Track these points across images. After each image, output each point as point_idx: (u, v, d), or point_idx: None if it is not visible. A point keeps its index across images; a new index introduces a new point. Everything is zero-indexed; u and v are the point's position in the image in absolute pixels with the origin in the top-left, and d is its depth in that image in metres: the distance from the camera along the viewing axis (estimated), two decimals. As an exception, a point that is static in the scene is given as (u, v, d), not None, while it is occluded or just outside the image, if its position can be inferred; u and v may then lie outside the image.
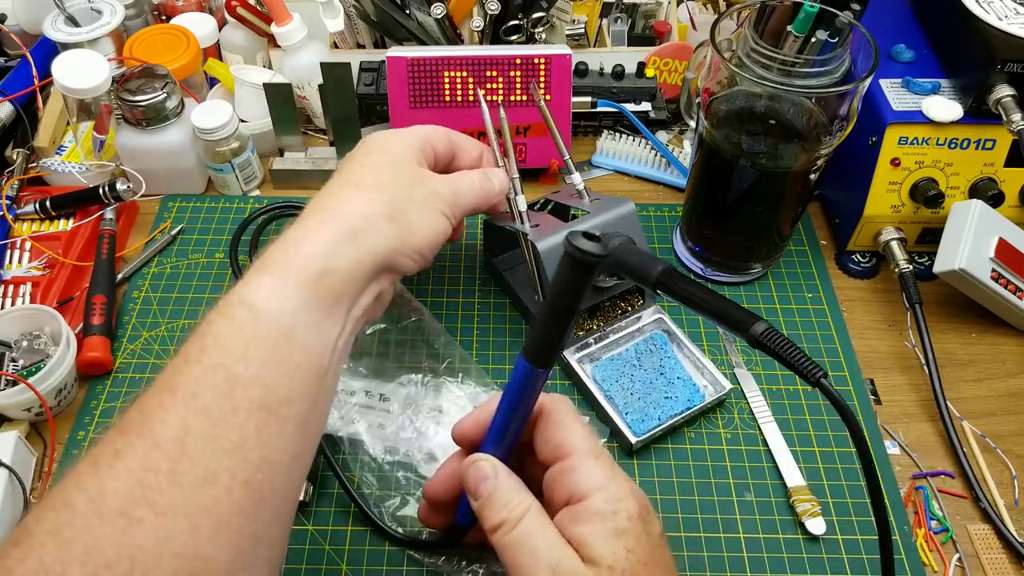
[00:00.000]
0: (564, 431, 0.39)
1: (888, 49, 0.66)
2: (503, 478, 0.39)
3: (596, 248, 0.33)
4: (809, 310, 0.65)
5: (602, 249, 0.32)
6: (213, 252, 0.68)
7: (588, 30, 0.79)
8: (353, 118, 0.71)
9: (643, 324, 0.61)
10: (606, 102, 0.75)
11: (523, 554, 0.36)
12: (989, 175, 0.62)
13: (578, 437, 0.39)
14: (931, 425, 0.58)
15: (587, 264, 0.33)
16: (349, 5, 0.76)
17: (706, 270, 0.67)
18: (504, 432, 0.40)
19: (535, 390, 0.38)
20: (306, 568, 0.50)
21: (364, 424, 0.55)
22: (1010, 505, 0.54)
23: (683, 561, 0.51)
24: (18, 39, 0.76)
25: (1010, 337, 0.64)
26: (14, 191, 0.69)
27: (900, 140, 0.61)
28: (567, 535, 0.36)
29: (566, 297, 0.34)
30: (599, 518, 0.36)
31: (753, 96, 0.58)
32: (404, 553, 0.51)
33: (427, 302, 0.64)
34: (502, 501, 0.38)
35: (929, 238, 0.65)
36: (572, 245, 0.33)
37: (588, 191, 0.59)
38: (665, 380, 0.58)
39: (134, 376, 0.60)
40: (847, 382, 0.60)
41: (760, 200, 0.61)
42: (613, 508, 0.36)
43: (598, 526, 0.36)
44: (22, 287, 0.63)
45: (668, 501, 0.53)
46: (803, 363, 0.40)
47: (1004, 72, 0.58)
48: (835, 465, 0.55)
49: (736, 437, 0.57)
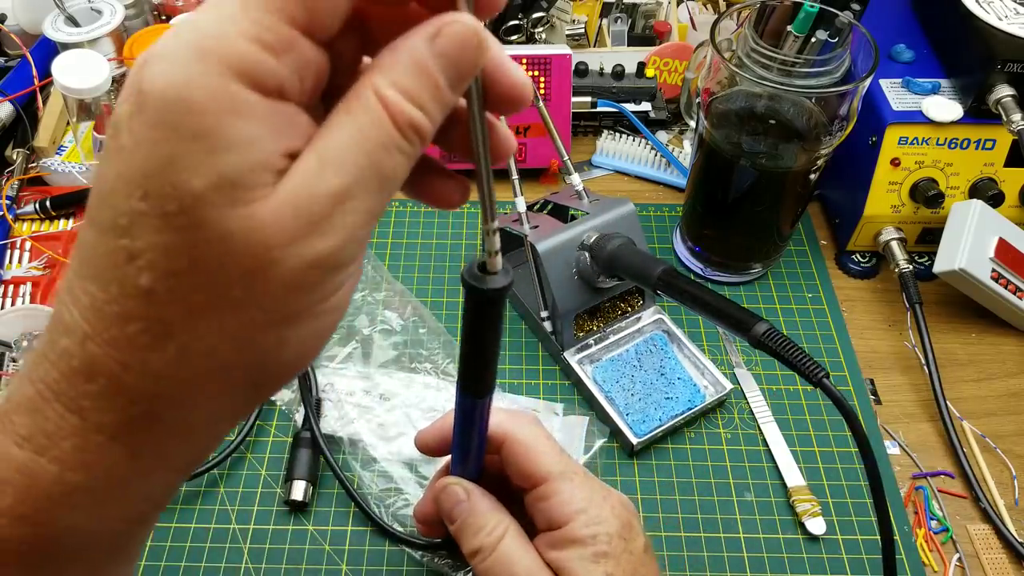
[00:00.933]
0: (532, 458, 0.37)
1: (888, 49, 0.66)
2: (476, 501, 0.37)
3: (495, 282, 0.28)
4: (809, 310, 0.65)
5: (503, 280, 0.28)
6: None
7: (588, 30, 0.79)
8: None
9: (643, 325, 0.61)
10: (606, 102, 0.75)
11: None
12: (989, 175, 0.62)
13: (548, 462, 0.37)
14: (931, 425, 0.58)
15: (488, 298, 0.29)
16: (349, 5, 0.76)
17: (706, 270, 0.67)
18: (466, 455, 0.38)
19: (481, 416, 0.37)
20: (306, 568, 0.50)
21: (364, 424, 0.55)
22: (1010, 505, 0.54)
23: (683, 561, 0.51)
24: (18, 39, 0.76)
25: (1010, 337, 0.64)
26: (14, 191, 0.69)
27: (900, 140, 0.61)
28: (547, 559, 0.36)
29: (479, 329, 0.32)
30: (578, 544, 0.35)
31: (753, 96, 0.58)
32: (404, 553, 0.51)
33: (427, 302, 0.64)
34: (477, 525, 0.37)
35: (929, 238, 0.65)
36: (468, 281, 0.28)
37: (587, 192, 0.59)
38: (666, 381, 0.58)
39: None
40: (847, 382, 0.60)
41: (760, 200, 0.61)
42: (592, 532, 0.36)
43: (577, 551, 0.35)
44: (22, 287, 0.63)
45: (668, 501, 0.53)
46: (804, 363, 0.41)
47: (1004, 72, 0.58)
48: (835, 465, 0.55)
49: (736, 437, 0.57)
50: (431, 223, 0.71)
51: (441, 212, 0.71)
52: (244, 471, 0.54)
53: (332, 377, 0.58)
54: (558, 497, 0.36)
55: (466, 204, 0.28)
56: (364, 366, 0.59)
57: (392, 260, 0.67)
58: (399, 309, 0.63)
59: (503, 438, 0.38)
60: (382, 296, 0.63)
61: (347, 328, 0.61)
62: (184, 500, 0.53)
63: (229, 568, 0.50)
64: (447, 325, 0.63)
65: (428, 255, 0.68)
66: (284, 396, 0.57)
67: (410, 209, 0.72)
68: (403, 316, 0.62)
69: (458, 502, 0.37)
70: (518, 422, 0.39)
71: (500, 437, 0.38)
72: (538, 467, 0.37)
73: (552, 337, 0.59)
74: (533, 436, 0.38)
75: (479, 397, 0.35)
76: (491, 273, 0.28)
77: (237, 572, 0.50)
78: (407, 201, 0.72)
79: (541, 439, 0.38)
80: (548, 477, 0.37)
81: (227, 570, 0.50)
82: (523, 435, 0.38)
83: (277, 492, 0.53)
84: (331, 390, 0.57)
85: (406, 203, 0.72)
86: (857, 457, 0.55)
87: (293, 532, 0.51)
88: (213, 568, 0.50)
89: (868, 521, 0.52)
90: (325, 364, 0.59)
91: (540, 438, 0.38)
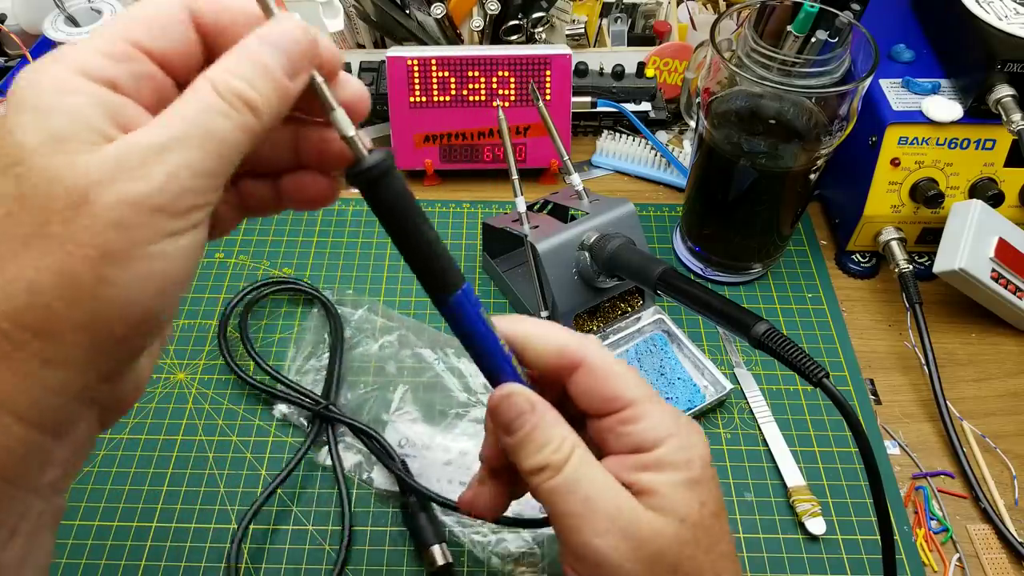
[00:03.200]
0: (612, 381, 0.34)
1: (888, 49, 0.66)
2: (543, 412, 0.33)
3: (370, 160, 0.28)
4: (809, 310, 0.65)
5: (377, 156, 0.28)
6: (212, 252, 0.68)
7: (588, 30, 0.79)
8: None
9: (643, 325, 0.61)
10: (606, 102, 0.75)
11: (573, 501, 0.32)
12: (989, 175, 0.62)
13: (630, 384, 0.34)
14: (931, 425, 0.58)
15: (373, 178, 0.29)
16: (349, 5, 0.76)
17: (706, 270, 0.67)
18: (492, 372, 0.34)
19: (470, 317, 0.33)
20: (306, 568, 0.50)
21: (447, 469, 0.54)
22: (1010, 505, 0.54)
23: (683, 561, 0.51)
24: (18, 39, 0.76)
25: (1010, 337, 0.64)
26: (14, 191, 0.69)
27: (900, 140, 0.62)
28: (628, 483, 0.32)
29: (394, 221, 0.31)
30: (671, 467, 0.32)
31: (753, 96, 0.58)
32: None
33: (426, 302, 0.64)
34: (543, 439, 0.33)
35: (929, 238, 0.65)
36: (350, 175, 0.29)
37: (587, 192, 0.59)
38: (666, 381, 0.58)
39: (134, 376, 0.60)
40: (847, 382, 0.60)
41: (760, 200, 0.61)
42: (687, 456, 0.33)
43: (670, 475, 0.32)
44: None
45: (668, 501, 0.53)
46: (805, 363, 0.41)
47: (1004, 72, 0.58)
48: (835, 465, 0.55)
49: (736, 437, 0.57)
50: (431, 223, 0.71)
51: (441, 212, 0.72)
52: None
53: (404, 432, 0.56)
54: (648, 420, 0.33)
55: (465, 202, 0.29)
56: (420, 409, 0.57)
57: (392, 260, 0.67)
58: (429, 345, 0.61)
59: (578, 362, 0.35)
60: (412, 336, 0.62)
61: (386, 377, 0.59)
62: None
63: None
64: (447, 325, 0.63)
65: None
66: (350, 460, 0.54)
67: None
68: (434, 349, 0.61)
69: (520, 412, 0.33)
70: (583, 343, 0.35)
71: (576, 360, 0.35)
72: (622, 390, 0.34)
73: (552, 337, 0.59)
74: (609, 359, 0.35)
75: (448, 293, 0.32)
76: (363, 159, 0.28)
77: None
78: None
79: (617, 362, 0.35)
80: (635, 400, 0.34)
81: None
82: (600, 358, 0.35)
83: (403, 570, 0.50)
84: (408, 444, 0.55)
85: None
86: (857, 457, 0.55)
87: (293, 534, 0.52)
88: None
89: (868, 521, 0.52)
90: (394, 420, 0.56)
91: (616, 361, 0.35)
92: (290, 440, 0.56)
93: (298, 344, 0.61)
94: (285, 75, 0.26)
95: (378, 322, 0.62)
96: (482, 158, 0.73)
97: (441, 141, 0.72)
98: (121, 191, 0.23)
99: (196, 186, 0.24)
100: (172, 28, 0.26)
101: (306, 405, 0.55)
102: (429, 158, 0.72)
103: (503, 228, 0.60)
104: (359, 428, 0.54)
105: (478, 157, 0.73)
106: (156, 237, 0.23)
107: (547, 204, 0.62)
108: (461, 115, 0.70)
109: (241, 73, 0.25)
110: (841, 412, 0.39)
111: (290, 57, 0.26)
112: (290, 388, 0.56)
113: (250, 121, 0.25)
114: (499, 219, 0.62)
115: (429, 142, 0.72)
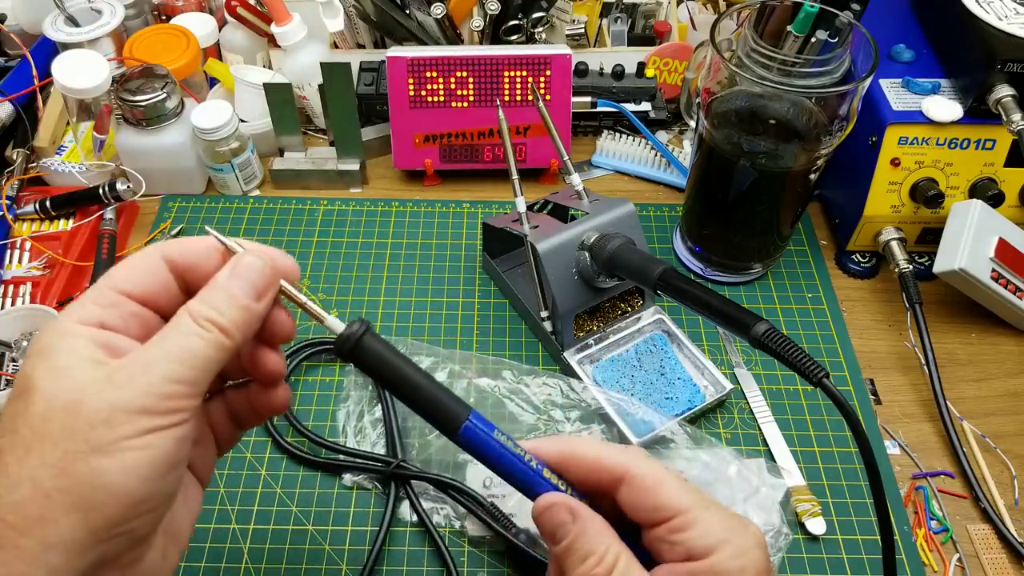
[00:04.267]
0: (657, 491, 0.34)
1: (888, 49, 0.66)
2: (586, 522, 0.34)
3: (346, 333, 0.33)
4: (809, 310, 0.65)
5: (350, 329, 0.33)
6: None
7: (588, 30, 0.79)
8: (353, 118, 0.71)
9: (643, 325, 0.61)
10: (606, 102, 0.75)
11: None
12: (989, 175, 0.62)
13: (680, 492, 0.34)
14: (931, 425, 0.58)
15: (349, 351, 0.33)
16: (349, 5, 0.76)
17: (706, 270, 0.67)
18: (527, 490, 0.35)
19: (486, 444, 0.35)
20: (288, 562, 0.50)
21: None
22: (1010, 505, 0.54)
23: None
24: (18, 39, 0.76)
25: (1010, 337, 0.64)
26: (14, 191, 0.69)
27: (900, 140, 0.62)
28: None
29: (384, 378, 0.34)
30: (724, 575, 0.32)
31: (753, 96, 0.58)
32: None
33: (426, 302, 0.64)
34: (586, 550, 0.33)
35: (929, 238, 0.65)
36: (337, 350, 0.34)
37: (587, 192, 0.59)
38: (666, 381, 0.58)
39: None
40: (847, 382, 0.60)
41: (760, 200, 0.61)
42: (739, 564, 0.32)
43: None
44: (22, 287, 0.63)
45: (668, 501, 0.53)
46: (805, 363, 0.41)
47: (1004, 72, 0.58)
48: (835, 465, 0.55)
49: (736, 437, 0.57)
50: (431, 223, 0.71)
51: (441, 212, 0.72)
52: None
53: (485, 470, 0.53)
54: (700, 527, 0.33)
55: (465, 202, 0.32)
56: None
57: (392, 260, 0.67)
58: (482, 374, 0.59)
59: (622, 474, 0.35)
60: (457, 367, 0.60)
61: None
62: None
63: None
64: (447, 325, 0.63)
65: (428, 255, 0.68)
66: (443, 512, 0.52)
67: (410, 209, 0.72)
68: (492, 379, 0.59)
69: (561, 523, 0.34)
70: (629, 456, 0.36)
71: (619, 474, 0.35)
72: (670, 499, 0.34)
73: (552, 337, 0.59)
74: (656, 468, 0.35)
75: (456, 428, 0.34)
76: (339, 334, 0.33)
77: None
78: (407, 200, 0.72)
79: (665, 471, 0.35)
80: (684, 507, 0.34)
81: None
82: (646, 469, 0.35)
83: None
84: (493, 483, 0.53)
85: (406, 203, 0.72)
86: (857, 457, 0.55)
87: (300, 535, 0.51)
88: None
89: (868, 521, 0.52)
90: (471, 461, 0.53)
91: (663, 470, 0.35)
92: (352, 510, 0.53)
93: (344, 402, 0.57)
94: (251, 299, 0.32)
95: (423, 362, 0.60)
96: (482, 158, 0.73)
97: (441, 141, 0.72)
98: (110, 398, 0.28)
99: (175, 391, 0.29)
100: (151, 274, 0.32)
101: (378, 469, 0.53)
102: (429, 158, 0.72)
103: (503, 228, 0.60)
104: (440, 481, 0.52)
105: (478, 157, 0.73)
106: (140, 432, 0.28)
107: (547, 204, 0.62)
108: (461, 115, 0.70)
109: (213, 303, 0.31)
110: (841, 412, 0.39)
111: (253, 283, 0.32)
112: (355, 456, 0.54)
113: (221, 340, 0.31)
114: (499, 219, 0.62)
115: (429, 142, 0.72)
